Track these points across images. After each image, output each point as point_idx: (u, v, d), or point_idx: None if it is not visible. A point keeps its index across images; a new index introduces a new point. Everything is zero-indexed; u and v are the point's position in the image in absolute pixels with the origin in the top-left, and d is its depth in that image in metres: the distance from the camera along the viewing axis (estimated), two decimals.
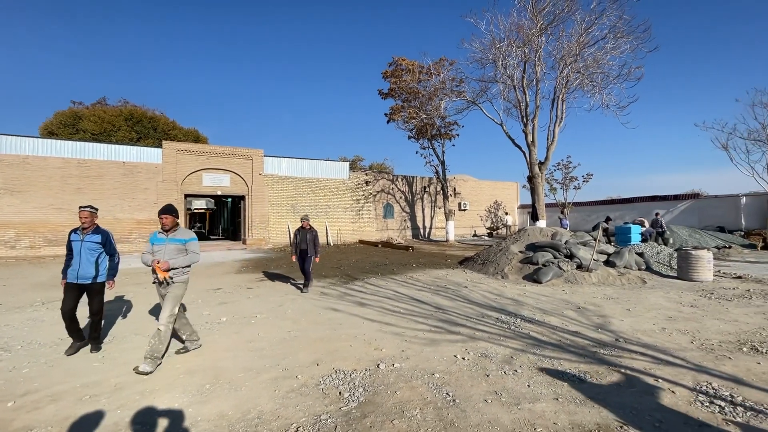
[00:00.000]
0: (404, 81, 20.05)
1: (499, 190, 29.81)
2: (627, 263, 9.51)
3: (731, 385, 3.35)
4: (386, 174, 25.37)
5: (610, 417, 2.83)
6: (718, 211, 21.18)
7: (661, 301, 6.65)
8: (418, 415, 2.90)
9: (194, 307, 6.49)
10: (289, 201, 20.13)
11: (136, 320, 5.78)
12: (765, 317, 5.49)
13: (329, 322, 5.54)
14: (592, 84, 15.01)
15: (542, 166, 16.02)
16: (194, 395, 3.29)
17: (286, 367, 3.89)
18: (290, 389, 3.39)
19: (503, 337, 4.74)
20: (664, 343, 4.48)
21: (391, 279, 9.20)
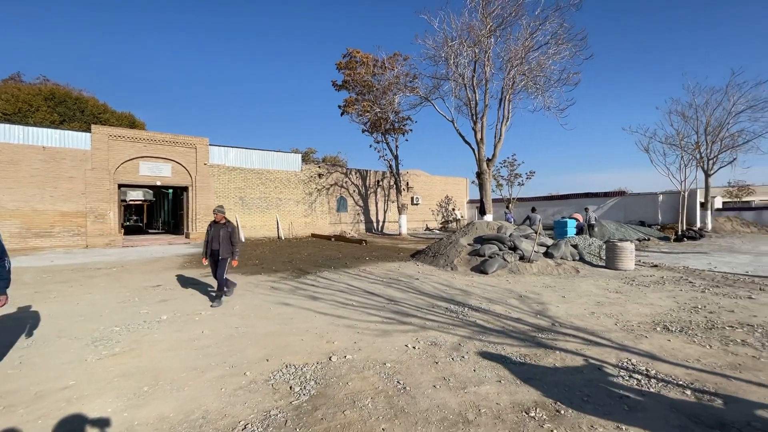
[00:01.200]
0: (358, 73, 19.91)
1: (450, 186, 30.77)
2: (563, 254, 10.29)
3: (647, 360, 3.77)
4: (340, 167, 25.14)
5: (545, 395, 3.06)
6: (640, 207, 23.59)
7: (592, 288, 7.29)
8: (370, 404, 2.94)
9: (130, 306, 6.02)
10: (237, 193, 19.26)
11: (59, 322, 5.24)
12: (675, 300, 6.23)
13: (280, 317, 5.41)
14: (535, 86, 15.91)
15: (490, 163, 16.76)
16: (130, 399, 3.06)
17: (234, 364, 3.75)
18: (238, 387, 3.27)
19: (452, 326, 4.93)
20: (593, 325, 4.93)
21: (344, 272, 9.17)
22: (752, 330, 4.68)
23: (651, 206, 23.12)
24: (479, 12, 15.26)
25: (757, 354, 3.92)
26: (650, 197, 23.38)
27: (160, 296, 6.74)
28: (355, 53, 20.43)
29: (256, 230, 19.73)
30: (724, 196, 33.12)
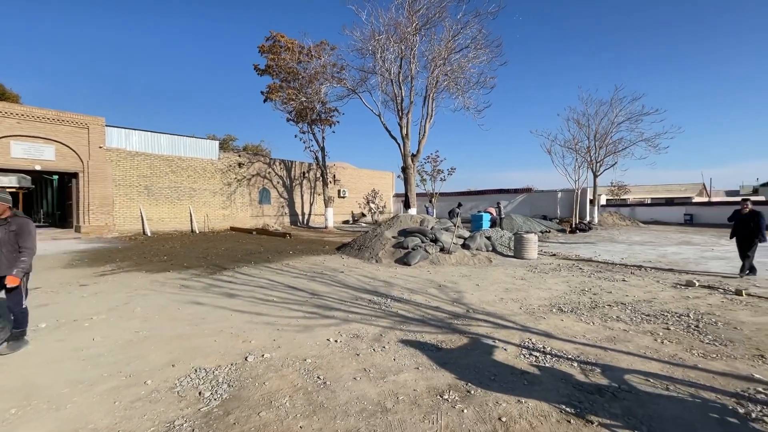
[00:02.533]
0: (283, 59, 19.02)
1: (376, 179, 31.17)
2: (479, 246, 11.09)
3: (544, 339, 4.23)
4: (262, 157, 23.88)
5: (458, 378, 3.26)
6: (543, 202, 26.46)
7: (502, 276, 7.98)
8: (287, 403, 2.84)
9: None
10: (142, 181, 17.20)
11: None
12: (568, 285, 7.11)
13: (190, 317, 4.97)
14: (456, 87, 16.80)
15: (414, 158, 17.33)
16: None
17: (132, 373, 3.34)
18: (136, 398, 2.92)
19: (374, 317, 5.00)
20: (501, 310, 5.39)
21: (265, 267, 8.76)
22: (624, 307, 5.53)
23: (552, 202, 26.08)
24: (406, 9, 15.57)
25: (627, 328, 4.64)
26: (551, 194, 26.36)
27: (39, 300, 5.73)
28: (279, 37, 19.45)
29: (164, 223, 17.87)
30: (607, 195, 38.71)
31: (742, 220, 7.91)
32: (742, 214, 7.93)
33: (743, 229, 7.85)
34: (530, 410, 2.74)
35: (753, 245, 7.70)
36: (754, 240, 7.67)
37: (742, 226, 7.89)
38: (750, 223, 7.75)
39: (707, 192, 48.70)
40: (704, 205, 27.52)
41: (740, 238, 7.91)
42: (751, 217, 7.78)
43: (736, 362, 3.62)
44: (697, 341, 4.17)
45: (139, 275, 7.73)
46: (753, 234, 7.66)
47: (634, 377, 3.29)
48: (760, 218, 7.69)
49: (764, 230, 7.65)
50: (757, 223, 7.67)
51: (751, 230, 7.69)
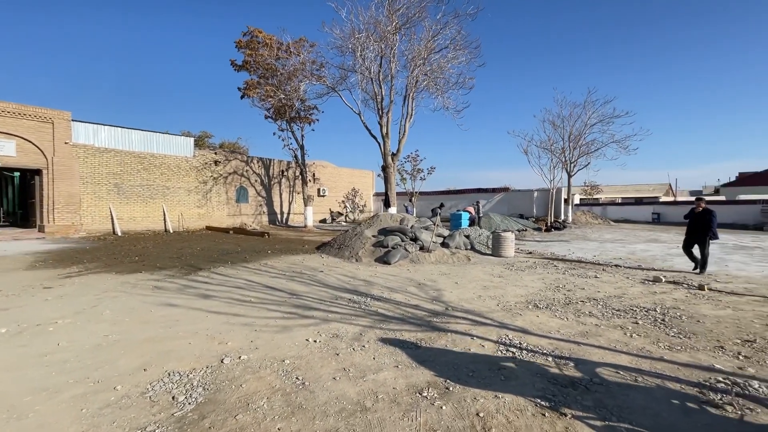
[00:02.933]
0: (261, 55, 18.65)
1: (356, 178, 31.07)
2: (458, 244, 11.23)
3: (520, 335, 4.33)
4: (240, 154, 23.37)
5: (437, 375, 3.30)
6: (520, 202, 27.06)
7: (480, 274, 8.11)
8: (265, 405, 2.79)
9: None
10: (111, 179, 16.52)
11: None
12: (543, 282, 7.30)
13: (163, 319, 4.81)
14: (436, 87, 16.93)
15: (394, 157, 17.37)
16: None
17: (100, 379, 3.21)
18: (105, 404, 2.80)
19: (354, 317, 4.99)
20: (479, 307, 5.48)
21: (242, 267, 8.58)
22: (596, 303, 5.73)
23: (528, 201, 26.71)
24: (386, 8, 15.56)
25: (599, 323, 4.81)
26: (528, 193, 26.99)
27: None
28: (257, 32, 19.05)
29: (136, 222, 17.23)
30: (581, 194, 40.01)
31: (696, 218, 8.31)
32: (696, 213, 8.33)
33: (697, 227, 8.25)
34: (507, 405, 2.80)
35: (705, 241, 8.08)
36: (706, 237, 8.05)
37: (696, 223, 8.29)
38: (703, 221, 8.15)
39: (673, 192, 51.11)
40: (670, 205, 28.81)
41: (694, 234, 8.29)
42: (703, 215, 8.19)
43: (699, 354, 3.81)
44: (663, 334, 4.37)
45: (109, 277, 7.43)
46: (705, 231, 8.06)
47: (605, 370, 3.41)
48: (712, 216, 8.09)
49: (715, 228, 8.06)
50: (709, 220, 8.06)
51: (704, 227, 8.09)
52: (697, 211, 8.33)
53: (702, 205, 8.37)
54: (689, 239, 8.38)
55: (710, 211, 8.20)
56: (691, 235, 8.35)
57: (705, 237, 8.07)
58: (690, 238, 8.37)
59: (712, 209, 8.29)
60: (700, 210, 8.29)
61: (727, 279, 7.51)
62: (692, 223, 8.41)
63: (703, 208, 8.28)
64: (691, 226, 8.41)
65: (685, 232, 8.56)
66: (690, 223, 8.48)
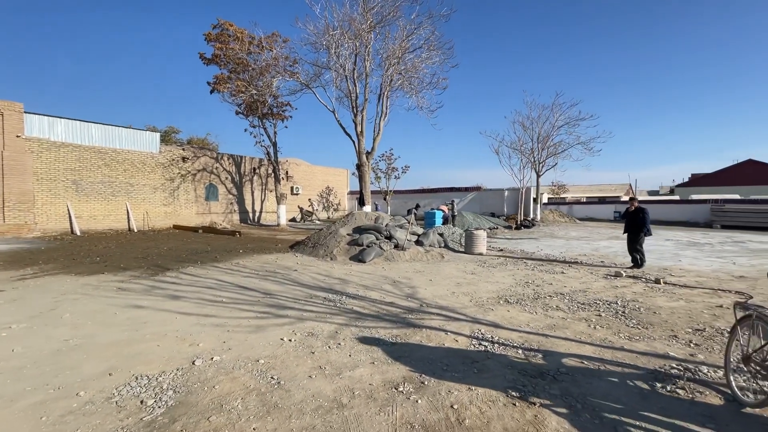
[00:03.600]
0: (231, 49, 18.11)
1: (331, 176, 30.83)
2: (432, 242, 11.41)
3: (492, 329, 4.47)
4: (209, 151, 22.63)
5: (413, 370, 3.35)
6: (492, 200, 27.74)
7: (453, 271, 8.27)
8: (240, 406, 2.75)
9: None
10: (69, 175, 15.58)
11: None
12: (513, 278, 7.54)
13: (129, 321, 4.62)
14: (410, 86, 17.07)
15: (369, 155, 17.36)
16: None
17: (61, 385, 3.05)
18: (67, 411, 2.67)
19: (329, 315, 4.97)
20: (453, 304, 5.60)
21: (213, 267, 8.35)
22: (563, 297, 5.99)
23: (499, 200, 27.43)
24: (360, 6, 15.51)
25: (566, 316, 5.03)
26: (499, 192, 27.71)
27: None
28: (227, 25, 18.49)
29: (97, 221, 16.36)
30: (549, 194, 41.48)
31: (631, 217, 8.80)
32: (630, 212, 8.82)
33: (632, 224, 8.71)
34: (480, 396, 2.89)
35: (640, 238, 8.55)
36: (640, 233, 8.52)
37: (631, 221, 8.76)
38: (637, 219, 8.63)
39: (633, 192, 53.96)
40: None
41: (629, 232, 8.77)
42: (637, 213, 8.66)
43: (655, 342, 4.07)
44: (623, 325, 4.63)
45: (68, 278, 7.03)
46: (639, 228, 8.53)
47: (571, 360, 3.58)
48: (645, 214, 8.58)
49: (649, 224, 8.55)
50: (643, 218, 8.55)
51: (638, 225, 8.56)
52: (630, 210, 8.80)
53: (635, 204, 8.86)
54: (629, 238, 8.78)
55: (643, 209, 8.68)
56: (629, 234, 8.78)
57: (639, 234, 8.53)
58: (630, 237, 8.78)
59: (644, 207, 8.78)
60: (633, 209, 8.75)
61: (680, 273, 8.04)
62: (628, 222, 8.87)
63: (636, 207, 8.76)
64: (627, 224, 8.86)
65: (625, 231, 8.94)
66: (626, 221, 8.92)
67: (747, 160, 41.43)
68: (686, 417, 2.65)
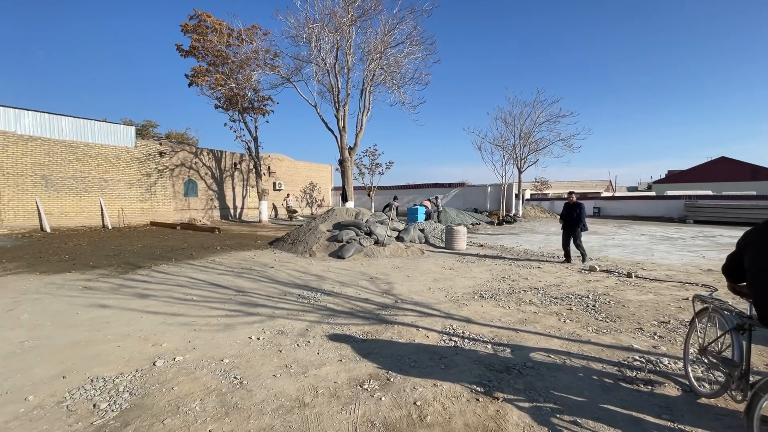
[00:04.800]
0: (210, 41, 17.66)
1: (314, 172, 30.53)
2: (412, 238, 11.41)
3: (464, 324, 4.48)
4: (188, 145, 22.07)
5: (380, 367, 3.32)
6: (475, 196, 27.94)
7: (432, 267, 8.28)
8: (197, 407, 2.67)
9: None
10: (37, 170, 14.97)
11: None
12: (491, 273, 7.60)
13: (91, 322, 4.45)
14: (392, 81, 16.97)
15: (352, 151, 17.23)
16: None
17: (11, 389, 2.90)
18: (12, 417, 2.54)
19: (302, 312, 4.90)
20: (428, 299, 5.60)
21: (187, 264, 8.15)
22: (537, 292, 6.06)
23: (482, 196, 27.66)
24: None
25: (537, 310, 5.09)
26: (482, 188, 27.93)
27: None
28: (205, 17, 18.00)
29: (69, 218, 15.79)
30: (532, 189, 42.09)
31: (569, 211, 8.89)
32: (569, 206, 8.91)
33: (569, 219, 8.82)
34: (444, 392, 2.88)
35: (576, 233, 8.68)
36: (577, 228, 8.66)
37: (569, 215, 8.86)
38: (574, 213, 8.75)
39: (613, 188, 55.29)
40: (610, 200, 31.11)
41: (566, 226, 8.87)
42: (575, 208, 8.77)
43: (621, 335, 4.15)
44: (592, 319, 4.71)
45: (31, 277, 6.74)
46: (576, 222, 8.67)
47: (538, 354, 3.61)
48: (581, 209, 8.71)
49: (585, 219, 8.72)
50: (579, 213, 8.67)
51: (575, 219, 8.69)
52: (570, 203, 8.90)
53: (574, 198, 8.98)
54: (565, 233, 8.89)
55: (579, 204, 8.80)
56: (566, 229, 8.88)
57: (576, 229, 8.66)
58: (566, 232, 8.89)
59: (581, 203, 8.91)
60: (572, 203, 8.86)
61: (652, 267, 8.24)
62: (565, 215, 8.92)
63: (574, 202, 8.87)
64: (565, 219, 8.94)
65: (562, 227, 9.04)
66: (563, 215, 9.00)
67: (720, 157, 42.84)
68: (644, 408, 2.69)
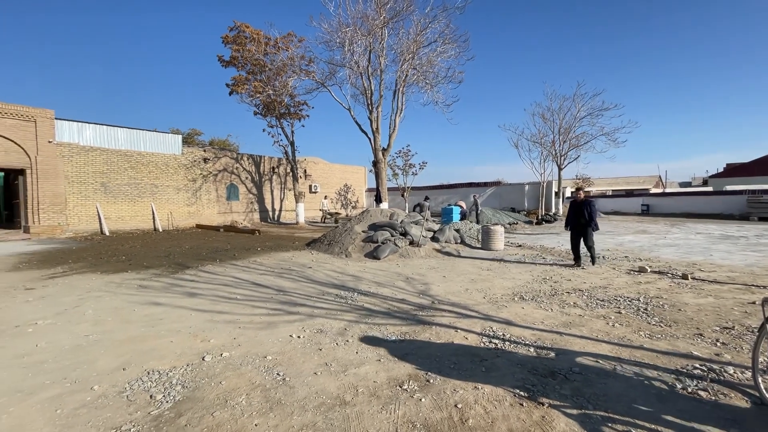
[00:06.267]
0: (248, 50, 18.41)
1: (348, 174, 30.96)
2: (447, 238, 11.26)
3: (504, 326, 4.35)
4: (229, 151, 23.14)
5: (419, 368, 3.30)
6: (512, 195, 27.17)
7: (468, 267, 8.13)
8: (244, 401, 2.78)
9: None
10: (98, 178, 16.27)
11: None
12: (531, 274, 7.34)
13: (146, 318, 4.76)
14: (425, 81, 16.87)
15: (385, 152, 17.31)
16: None
17: (78, 379, 3.16)
18: (80, 405, 2.77)
19: (340, 312, 4.98)
20: (466, 300, 5.50)
21: (231, 265, 8.52)
22: (582, 294, 5.78)
23: (519, 195, 26.82)
24: (374, 1, 15.43)
25: (582, 313, 4.85)
26: (519, 187, 27.09)
27: None
28: (244, 27, 18.78)
29: (124, 221, 17.02)
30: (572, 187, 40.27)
31: (576, 210, 7.96)
32: (576, 203, 8.01)
33: (578, 218, 7.92)
34: (486, 396, 2.81)
35: (588, 233, 7.81)
36: (588, 228, 7.79)
37: (577, 214, 7.96)
38: (584, 212, 7.83)
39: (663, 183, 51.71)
40: (660, 196, 29.15)
41: (574, 226, 8.01)
42: (584, 206, 7.87)
43: (678, 341, 3.86)
44: (644, 323, 4.42)
45: (94, 277, 7.33)
46: (587, 222, 7.77)
47: (585, 359, 3.44)
48: (592, 206, 7.79)
49: (596, 219, 7.83)
50: (590, 212, 7.75)
51: (585, 219, 7.79)
52: (578, 200, 8.04)
53: (581, 195, 8.11)
54: (574, 233, 8.06)
55: (590, 201, 7.95)
56: (575, 229, 8.03)
57: (587, 229, 7.82)
58: (574, 232, 8.05)
59: (591, 200, 8.02)
60: (580, 200, 8.00)
61: (710, 268, 7.62)
62: (573, 215, 8.03)
63: (582, 199, 8.01)
64: (573, 218, 8.05)
65: (568, 225, 8.21)
66: (571, 215, 8.10)
67: None
68: (708, 420, 2.49)
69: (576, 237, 8.04)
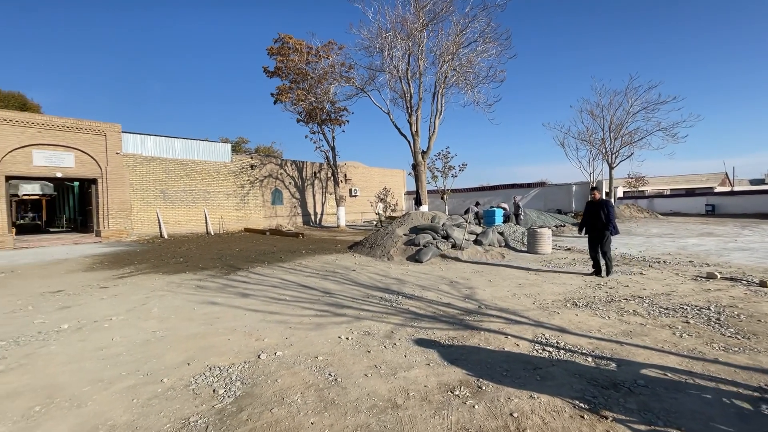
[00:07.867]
0: (291, 60, 19.16)
1: (387, 177, 31.17)
2: (491, 241, 10.98)
3: (558, 333, 4.17)
4: (274, 158, 24.13)
5: (470, 373, 3.24)
6: (557, 196, 26.01)
7: (514, 271, 7.88)
8: (299, 400, 2.87)
9: (21, 316, 5.23)
10: (158, 185, 17.60)
11: None
12: (583, 279, 6.97)
13: (205, 317, 5.07)
14: (465, 82, 16.64)
15: (425, 155, 17.25)
16: (17, 422, 2.65)
17: (149, 372, 3.43)
18: (153, 395, 3.00)
19: (386, 315, 5.01)
20: (514, 306, 5.33)
21: (278, 267, 8.86)
22: (642, 301, 5.40)
23: (566, 196, 25.61)
24: (413, 5, 15.49)
25: (644, 321, 4.53)
26: (565, 188, 25.88)
27: (61, 303, 5.93)
28: (287, 39, 19.58)
29: (180, 225, 18.26)
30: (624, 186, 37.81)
31: (593, 211, 7.20)
32: (592, 204, 7.26)
33: (594, 220, 7.15)
34: (543, 406, 2.70)
35: (605, 238, 7.03)
36: (606, 232, 7.00)
37: (593, 216, 7.19)
38: (600, 213, 7.04)
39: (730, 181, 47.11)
40: (727, 195, 26.62)
41: (591, 230, 7.26)
42: (601, 207, 7.09)
43: (760, 356, 3.49)
44: (718, 334, 4.04)
45: (156, 277, 7.92)
46: (604, 225, 6.98)
47: (651, 372, 3.21)
48: (610, 207, 7.05)
49: (614, 221, 7.02)
50: (607, 213, 6.99)
51: (602, 221, 7.00)
52: (594, 200, 7.26)
53: (597, 195, 7.32)
54: (592, 236, 7.26)
55: (607, 201, 7.17)
56: (592, 232, 7.25)
57: (604, 232, 7.01)
58: (592, 235, 7.25)
59: (608, 200, 7.19)
60: (596, 201, 7.23)
61: None
62: (589, 218, 7.30)
63: (599, 199, 7.23)
64: (588, 220, 7.30)
65: (586, 230, 7.41)
66: (587, 216, 7.38)
67: None
68: None
69: (593, 241, 7.29)
